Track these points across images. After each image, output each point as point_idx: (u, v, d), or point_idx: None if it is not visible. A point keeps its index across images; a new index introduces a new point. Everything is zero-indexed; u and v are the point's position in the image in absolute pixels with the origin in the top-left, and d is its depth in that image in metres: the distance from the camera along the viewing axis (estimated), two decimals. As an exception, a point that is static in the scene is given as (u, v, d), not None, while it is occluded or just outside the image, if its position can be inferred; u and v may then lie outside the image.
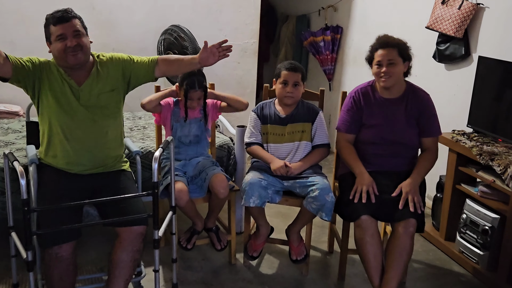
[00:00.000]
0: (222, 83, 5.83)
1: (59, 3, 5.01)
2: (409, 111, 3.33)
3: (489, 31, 4.16)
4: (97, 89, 2.99)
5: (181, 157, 3.57)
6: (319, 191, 3.22)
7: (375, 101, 3.38)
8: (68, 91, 2.92)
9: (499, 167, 3.32)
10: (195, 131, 3.57)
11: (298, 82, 3.54)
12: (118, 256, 2.81)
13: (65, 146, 2.94)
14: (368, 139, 3.39)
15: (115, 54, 3.15)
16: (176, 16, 5.51)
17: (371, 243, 3.07)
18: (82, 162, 2.98)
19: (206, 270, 3.60)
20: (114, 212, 2.79)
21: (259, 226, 3.53)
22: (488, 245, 3.54)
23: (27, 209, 2.19)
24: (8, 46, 4.94)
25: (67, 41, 2.85)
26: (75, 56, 2.87)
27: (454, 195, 3.94)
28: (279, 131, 3.57)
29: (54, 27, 2.86)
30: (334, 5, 6.42)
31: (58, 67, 2.94)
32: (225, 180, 3.40)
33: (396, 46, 3.26)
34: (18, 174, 2.27)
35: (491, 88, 3.87)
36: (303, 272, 3.61)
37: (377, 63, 3.27)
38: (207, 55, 3.07)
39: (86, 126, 2.96)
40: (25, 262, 2.33)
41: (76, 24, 2.91)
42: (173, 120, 3.54)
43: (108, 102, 3.04)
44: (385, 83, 3.26)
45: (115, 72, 3.08)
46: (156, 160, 2.55)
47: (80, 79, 2.97)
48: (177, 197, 3.20)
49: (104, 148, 3.04)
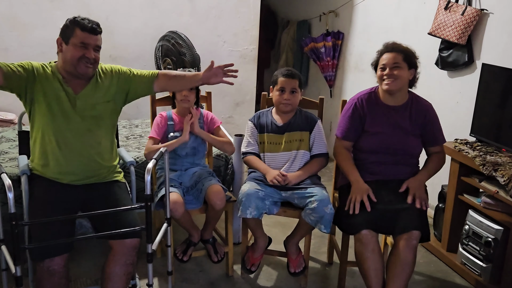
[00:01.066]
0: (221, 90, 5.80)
1: (54, 10, 5.07)
2: (413, 120, 3.30)
3: (493, 38, 4.13)
4: (94, 99, 2.97)
5: (177, 167, 3.54)
6: (318, 203, 3.18)
7: (378, 108, 3.34)
8: (64, 98, 2.89)
9: (502, 178, 3.28)
10: (191, 143, 3.54)
11: (296, 89, 3.52)
12: (111, 269, 2.79)
13: (56, 154, 2.90)
14: (370, 147, 3.35)
15: (115, 66, 3.13)
16: (174, 22, 5.50)
17: (372, 259, 3.02)
18: (74, 171, 2.94)
19: (202, 282, 3.56)
20: (107, 225, 2.76)
21: (257, 239, 3.50)
22: (491, 257, 3.49)
23: (15, 223, 2.15)
24: (2, 53, 4.96)
25: (87, 52, 2.84)
26: (87, 68, 2.88)
27: (457, 205, 3.90)
28: (276, 140, 3.54)
29: (82, 33, 2.82)
30: (335, 10, 6.41)
31: (57, 72, 2.91)
32: (221, 192, 3.36)
33: (402, 51, 3.24)
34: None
35: (495, 96, 3.83)
36: (301, 284, 3.57)
37: (382, 66, 3.25)
38: (210, 75, 3.08)
39: (79, 135, 2.93)
40: (13, 277, 2.29)
41: (100, 40, 2.92)
42: (168, 133, 3.51)
43: (104, 113, 3.02)
44: (388, 85, 3.22)
45: (114, 84, 3.06)
46: (149, 172, 2.52)
47: (77, 87, 2.94)
48: (172, 208, 3.16)
49: (97, 158, 3.00)
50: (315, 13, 6.89)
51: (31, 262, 2.86)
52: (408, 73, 3.25)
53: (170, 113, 3.58)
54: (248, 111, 6.00)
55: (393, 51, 3.24)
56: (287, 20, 7.84)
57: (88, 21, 2.85)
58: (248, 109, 6.02)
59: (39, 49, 5.06)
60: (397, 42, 3.33)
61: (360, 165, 3.38)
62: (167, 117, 3.54)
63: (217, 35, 5.76)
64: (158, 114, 3.57)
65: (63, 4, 5.09)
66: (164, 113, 3.57)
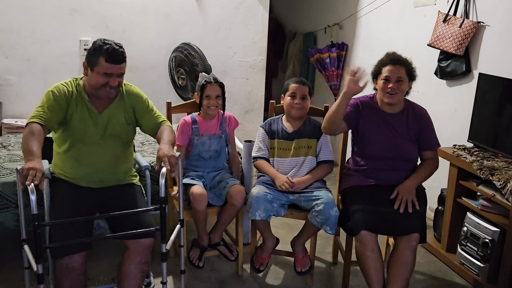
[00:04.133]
0: (232, 98, 5.84)
1: (74, 24, 5.11)
2: (410, 126, 3.30)
3: (489, 49, 4.13)
4: (115, 119, 2.98)
5: (200, 169, 3.55)
6: (324, 205, 3.19)
7: (377, 115, 3.34)
8: (87, 117, 2.91)
9: (499, 181, 3.28)
10: (215, 147, 3.56)
11: (306, 96, 3.55)
12: (126, 267, 2.80)
13: (76, 169, 2.94)
14: (368, 154, 3.36)
15: (141, 93, 3.13)
16: (187, 34, 5.52)
17: (372, 258, 3.02)
18: (91, 181, 2.98)
19: (213, 280, 3.57)
20: (123, 225, 2.77)
21: (265, 239, 3.50)
22: (488, 257, 3.49)
23: (37, 224, 2.17)
24: (25, 64, 5.01)
25: (111, 80, 2.83)
26: (110, 93, 2.89)
27: (455, 208, 3.90)
28: (285, 146, 3.56)
29: (105, 63, 2.78)
30: (340, 23, 6.42)
31: (83, 92, 2.92)
32: (243, 191, 3.37)
33: (405, 64, 3.24)
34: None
35: (491, 104, 3.83)
36: (307, 283, 3.57)
37: (385, 77, 3.23)
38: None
39: (98, 152, 2.95)
40: (35, 275, 2.31)
41: (124, 67, 2.89)
42: (193, 136, 3.53)
43: (123, 133, 3.04)
44: (390, 99, 3.23)
45: (134, 108, 3.07)
46: (163, 176, 2.54)
47: (100, 106, 2.96)
48: (197, 200, 3.21)
49: (114, 169, 3.04)
50: (320, 26, 6.90)
51: (51, 261, 2.87)
52: (408, 84, 3.27)
53: (194, 117, 3.58)
54: (257, 119, 6.01)
55: (398, 64, 3.23)
56: (294, 32, 7.85)
57: (112, 48, 2.79)
58: (257, 117, 6.03)
59: (59, 60, 5.11)
60: (396, 52, 3.33)
61: (360, 170, 3.39)
62: (191, 121, 3.56)
63: (228, 47, 5.78)
64: (181, 120, 3.58)
65: (82, 18, 5.12)
66: (188, 117, 3.58)
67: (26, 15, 4.95)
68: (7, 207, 3.24)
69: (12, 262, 3.52)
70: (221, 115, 3.63)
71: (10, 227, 3.28)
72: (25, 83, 5.06)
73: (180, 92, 5.41)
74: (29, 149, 2.55)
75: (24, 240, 2.68)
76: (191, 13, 5.57)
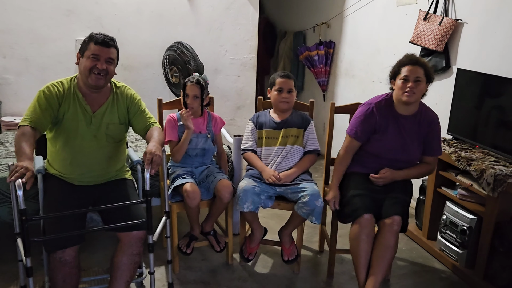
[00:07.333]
0: (224, 95, 5.81)
1: (70, 24, 5.06)
2: (420, 129, 3.22)
3: (467, 45, 4.10)
4: (108, 119, 2.93)
5: (187, 165, 3.52)
6: (309, 197, 3.17)
7: (390, 115, 3.24)
8: (81, 116, 2.86)
9: (475, 172, 3.25)
10: (202, 145, 3.52)
11: (292, 89, 3.54)
12: (119, 259, 2.77)
13: (68, 169, 2.90)
14: (374, 152, 3.29)
15: (135, 94, 3.08)
16: (180, 33, 5.49)
17: (365, 241, 2.99)
18: (84, 181, 2.94)
19: (204, 270, 3.54)
20: (115, 218, 2.74)
21: (253, 230, 3.48)
22: (466, 244, 3.47)
23: (24, 218, 2.14)
24: (23, 63, 4.96)
25: (98, 63, 2.78)
26: (98, 79, 2.82)
27: (435, 197, 3.89)
28: (273, 135, 3.53)
29: (94, 46, 2.77)
30: (327, 22, 6.39)
31: (78, 90, 2.88)
32: (230, 186, 3.34)
33: (423, 66, 3.15)
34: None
35: (469, 98, 3.80)
36: (294, 271, 3.55)
37: (404, 77, 3.14)
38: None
39: (90, 152, 2.91)
40: (24, 268, 2.27)
41: (113, 53, 2.85)
42: (179, 133, 3.49)
43: (116, 133, 2.99)
44: (408, 98, 3.12)
45: (127, 109, 3.02)
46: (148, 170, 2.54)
47: (95, 105, 2.91)
48: (191, 197, 3.19)
49: (107, 168, 3.00)
50: (309, 25, 6.87)
51: (46, 254, 2.83)
52: (425, 86, 3.19)
53: (178, 115, 3.54)
54: (248, 114, 5.98)
55: (417, 64, 3.14)
56: (285, 31, 7.82)
57: (103, 35, 2.81)
58: (248, 112, 5.99)
59: (56, 59, 5.06)
60: (415, 54, 3.25)
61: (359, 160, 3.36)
62: (176, 118, 3.52)
63: (219, 45, 5.74)
64: (167, 118, 3.54)
65: (78, 18, 5.07)
66: (174, 115, 3.54)
67: (23, 16, 4.90)
68: (3, 201, 3.21)
69: (9, 255, 3.47)
70: (207, 115, 3.59)
71: (6, 221, 3.25)
72: (23, 82, 5.02)
73: (174, 89, 5.37)
74: (21, 151, 2.52)
75: (17, 233, 2.65)
76: (184, 14, 5.52)
